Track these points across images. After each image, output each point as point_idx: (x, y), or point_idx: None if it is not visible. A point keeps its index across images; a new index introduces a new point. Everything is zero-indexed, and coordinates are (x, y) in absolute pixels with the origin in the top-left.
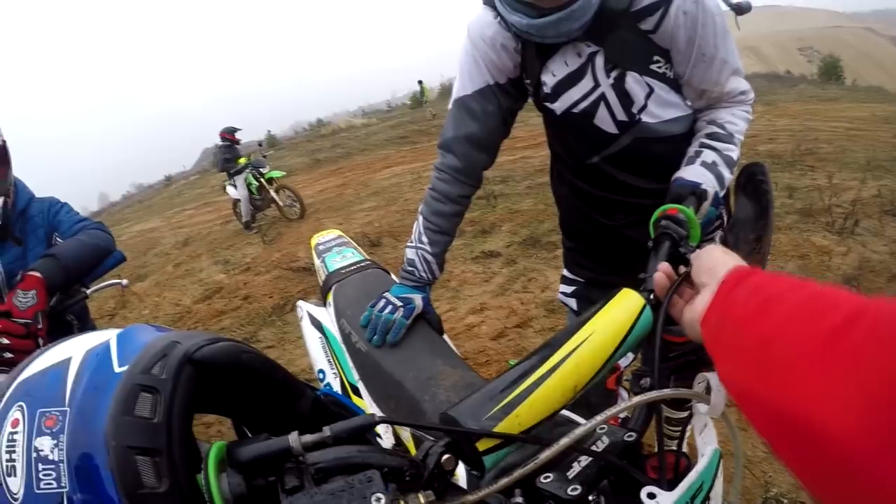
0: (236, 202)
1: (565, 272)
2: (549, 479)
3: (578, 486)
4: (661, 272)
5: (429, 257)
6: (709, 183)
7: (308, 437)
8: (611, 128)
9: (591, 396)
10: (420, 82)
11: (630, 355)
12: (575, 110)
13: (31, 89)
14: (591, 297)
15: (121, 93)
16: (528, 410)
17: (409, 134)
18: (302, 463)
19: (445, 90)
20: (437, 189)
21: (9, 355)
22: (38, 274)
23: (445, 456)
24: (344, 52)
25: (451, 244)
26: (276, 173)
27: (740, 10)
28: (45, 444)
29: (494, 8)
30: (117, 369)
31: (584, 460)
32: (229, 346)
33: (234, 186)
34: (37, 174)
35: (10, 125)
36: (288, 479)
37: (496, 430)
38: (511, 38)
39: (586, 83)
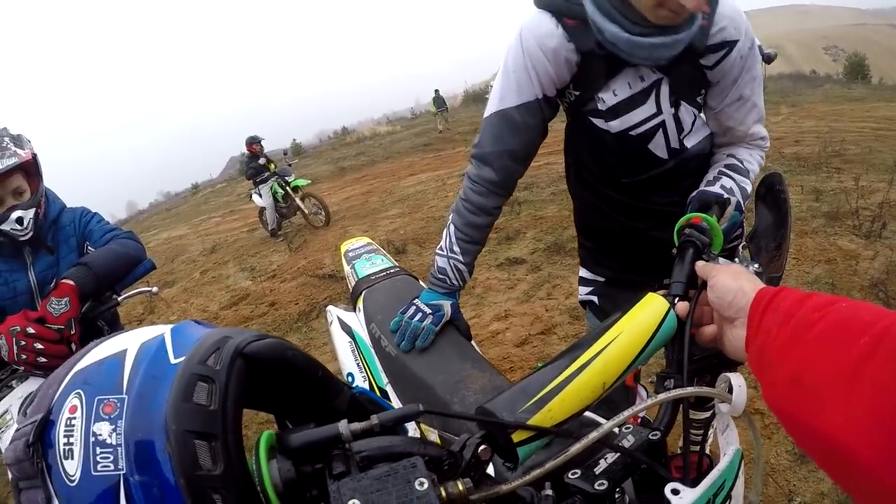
0: (262, 210)
1: (583, 273)
2: (576, 475)
3: (605, 482)
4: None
5: (461, 266)
6: (729, 195)
7: (356, 425)
8: (662, 153)
9: (611, 394)
10: (437, 91)
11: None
12: (633, 132)
13: (62, 108)
14: (612, 295)
15: (150, 107)
16: (559, 405)
17: (433, 141)
18: (348, 451)
19: (469, 97)
20: (470, 201)
21: (43, 360)
22: (70, 282)
23: (482, 447)
24: (367, 61)
25: (481, 251)
26: (301, 181)
27: (769, 59)
28: (103, 428)
29: (553, 14)
30: (173, 360)
31: (611, 457)
32: (276, 343)
33: (260, 195)
34: (67, 184)
35: (45, 141)
36: (335, 465)
37: (530, 423)
38: (574, 52)
39: (648, 108)
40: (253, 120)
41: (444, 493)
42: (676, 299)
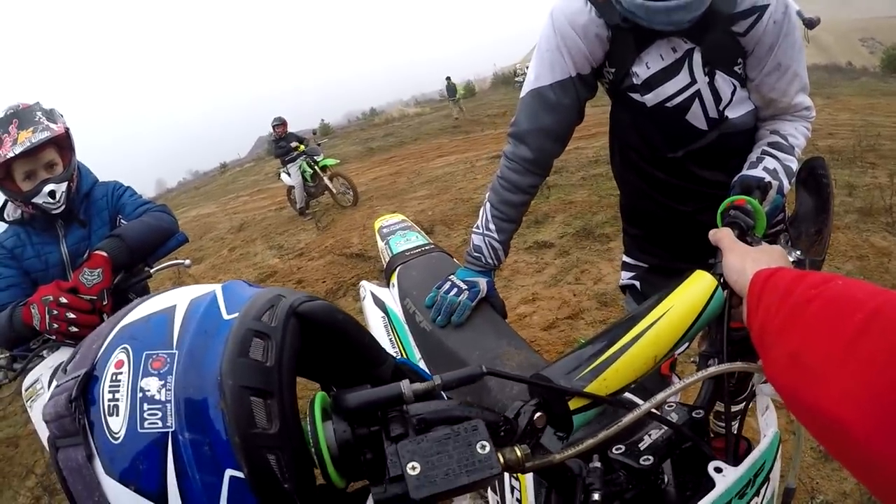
0: (290, 189)
1: (627, 259)
2: (620, 451)
3: (650, 457)
4: None
5: (496, 244)
6: (772, 179)
7: (418, 386)
8: (701, 124)
9: (645, 382)
10: (448, 78)
11: (685, 343)
12: (668, 104)
13: (95, 91)
14: (655, 281)
15: (181, 88)
16: (614, 374)
17: (461, 123)
18: (405, 413)
19: (498, 80)
20: (507, 178)
21: (74, 330)
22: (104, 253)
23: (538, 414)
24: (396, 42)
25: (517, 230)
26: (330, 161)
27: (811, 24)
28: (151, 384)
29: None
30: (226, 316)
31: (654, 433)
32: (327, 305)
33: (289, 174)
34: (98, 164)
35: (77, 123)
36: (393, 427)
37: (586, 390)
38: (604, 27)
39: (682, 78)
40: (281, 100)
41: (501, 459)
42: (721, 278)
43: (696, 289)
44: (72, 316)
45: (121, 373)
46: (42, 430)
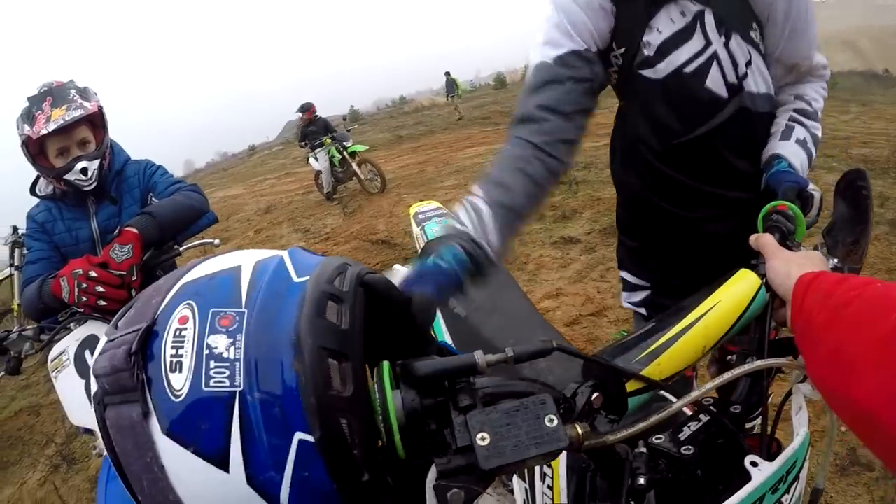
0: (318, 173)
1: (627, 276)
2: (661, 440)
3: (692, 447)
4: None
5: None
6: (805, 169)
7: (491, 357)
8: (721, 90)
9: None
10: (447, 74)
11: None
12: (686, 70)
13: (131, 67)
14: (665, 304)
15: (211, 71)
16: (668, 360)
17: (491, 114)
18: (472, 385)
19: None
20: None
21: (103, 303)
22: (134, 230)
23: (595, 395)
24: (428, 31)
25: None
26: (358, 147)
27: None
28: (219, 342)
29: None
30: (296, 279)
31: (694, 425)
32: (385, 279)
33: (317, 158)
34: (129, 140)
35: (114, 96)
36: (461, 398)
37: (642, 374)
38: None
39: (696, 42)
40: (311, 86)
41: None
42: (764, 279)
43: (741, 287)
44: (101, 290)
45: (185, 329)
46: (69, 400)
